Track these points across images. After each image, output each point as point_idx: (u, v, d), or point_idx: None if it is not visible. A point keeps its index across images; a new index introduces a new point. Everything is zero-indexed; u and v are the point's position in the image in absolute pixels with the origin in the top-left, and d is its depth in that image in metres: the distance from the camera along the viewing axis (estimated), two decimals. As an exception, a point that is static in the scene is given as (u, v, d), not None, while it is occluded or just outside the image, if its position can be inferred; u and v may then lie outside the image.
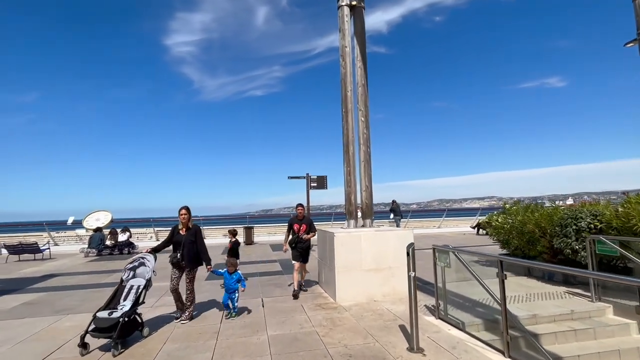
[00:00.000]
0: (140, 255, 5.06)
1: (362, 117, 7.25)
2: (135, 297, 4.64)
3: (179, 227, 5.40)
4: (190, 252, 5.25)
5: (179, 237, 5.32)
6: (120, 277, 4.88)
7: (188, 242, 5.26)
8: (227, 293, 5.50)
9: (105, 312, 4.39)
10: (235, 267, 5.67)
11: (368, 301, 6.03)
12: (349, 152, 7.14)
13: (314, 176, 13.33)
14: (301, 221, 6.90)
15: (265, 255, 12.55)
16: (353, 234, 6.28)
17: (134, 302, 4.59)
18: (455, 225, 20.64)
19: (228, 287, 5.51)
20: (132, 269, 4.92)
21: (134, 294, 4.66)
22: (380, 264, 6.25)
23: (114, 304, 4.58)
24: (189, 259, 5.24)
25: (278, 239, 18.20)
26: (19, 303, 6.77)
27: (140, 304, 4.74)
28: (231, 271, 5.63)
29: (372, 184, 7.21)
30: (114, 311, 4.39)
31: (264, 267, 9.88)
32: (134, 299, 4.60)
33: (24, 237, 16.01)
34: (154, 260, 5.04)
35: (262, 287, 7.45)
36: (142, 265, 4.95)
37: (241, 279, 5.57)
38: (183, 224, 5.36)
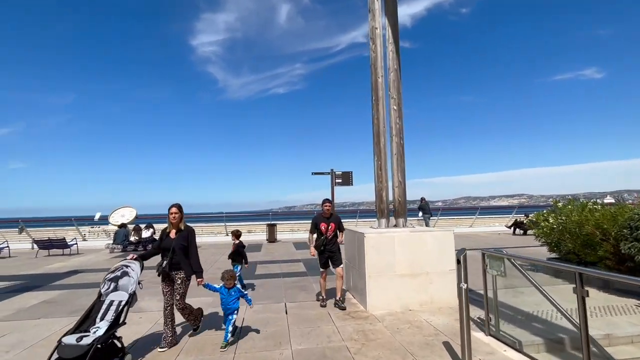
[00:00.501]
0: (124, 263, 4.14)
1: (395, 105, 6.57)
2: (115, 315, 3.73)
3: (167, 230, 4.45)
4: (182, 259, 4.28)
5: (167, 242, 4.34)
6: (99, 290, 4.00)
7: (178, 247, 4.27)
8: (225, 314, 4.42)
9: (73, 336, 3.42)
10: (234, 279, 4.52)
11: (403, 310, 5.38)
12: (380, 144, 6.49)
13: (338, 172, 12.72)
14: (329, 219, 5.84)
15: (289, 254, 12.09)
16: (385, 234, 5.64)
17: (112, 322, 3.67)
18: (488, 224, 19.44)
19: (226, 307, 4.39)
20: (113, 280, 4.00)
21: (113, 312, 3.75)
22: (416, 269, 5.58)
23: (87, 324, 3.64)
24: (180, 267, 4.28)
25: (301, 237, 17.75)
26: (39, 301, 6.60)
27: (121, 325, 3.80)
28: (229, 285, 4.46)
29: (405, 180, 6.52)
30: (84, 335, 3.43)
31: (288, 267, 9.39)
32: (112, 319, 3.69)
33: (54, 232, 16.39)
34: (139, 269, 4.13)
35: (285, 289, 6.95)
36: (126, 275, 4.04)
37: (244, 295, 4.51)
38: (173, 225, 4.39)
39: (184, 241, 4.32)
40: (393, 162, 6.50)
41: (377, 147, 6.53)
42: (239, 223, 20.83)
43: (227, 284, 4.48)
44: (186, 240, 4.34)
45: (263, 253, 12.50)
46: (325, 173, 12.71)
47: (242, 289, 6.47)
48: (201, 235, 18.34)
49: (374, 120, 6.62)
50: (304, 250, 12.90)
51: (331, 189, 12.69)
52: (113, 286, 3.99)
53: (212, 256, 11.94)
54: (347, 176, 12.70)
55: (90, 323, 3.66)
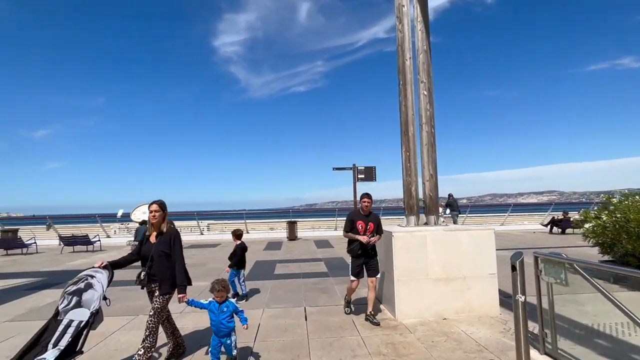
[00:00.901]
0: (88, 273, 3.25)
1: (425, 90, 5.92)
2: (71, 338, 2.90)
3: (147, 233, 3.65)
4: (162, 270, 3.46)
5: (147, 248, 3.55)
6: (56, 307, 3.15)
7: (158, 254, 3.46)
8: (217, 337, 3.45)
9: None
10: (227, 291, 3.51)
11: (436, 319, 4.77)
12: (409, 133, 5.86)
13: (361, 167, 12.12)
14: (367, 218, 4.90)
15: (309, 252, 11.63)
16: (416, 233, 5.03)
17: (64, 351, 2.81)
18: (521, 222, 18.27)
19: (217, 328, 3.42)
20: (75, 294, 3.10)
21: (70, 335, 2.91)
22: (451, 273, 4.95)
23: (33, 353, 2.81)
24: (160, 279, 3.46)
25: (322, 235, 17.28)
26: (53, 299, 6.43)
27: (77, 354, 2.94)
28: (221, 299, 3.44)
29: (437, 173, 5.87)
30: None
31: (308, 267, 8.92)
32: (67, 344, 2.86)
33: (80, 229, 16.70)
34: (107, 280, 3.28)
35: (305, 292, 6.46)
36: (90, 287, 3.15)
37: (237, 311, 3.50)
38: (154, 226, 3.57)
39: (165, 247, 3.49)
40: (423, 153, 5.87)
41: (404, 137, 5.91)
42: (259, 221, 20.62)
43: (217, 296, 3.44)
44: (168, 246, 3.50)
45: (283, 251, 12.10)
46: (347, 168, 12.15)
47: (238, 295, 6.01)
48: (224, 232, 18.23)
49: (401, 108, 6.00)
50: (325, 248, 12.42)
51: (353, 186, 12.11)
52: (75, 301, 3.09)
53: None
54: (370, 171, 12.07)
55: (38, 351, 2.80)
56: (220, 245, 14.25)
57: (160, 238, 3.54)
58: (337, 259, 9.98)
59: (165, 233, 3.57)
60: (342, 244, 13.57)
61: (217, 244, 14.83)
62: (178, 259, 3.55)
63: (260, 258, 10.61)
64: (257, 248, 13.12)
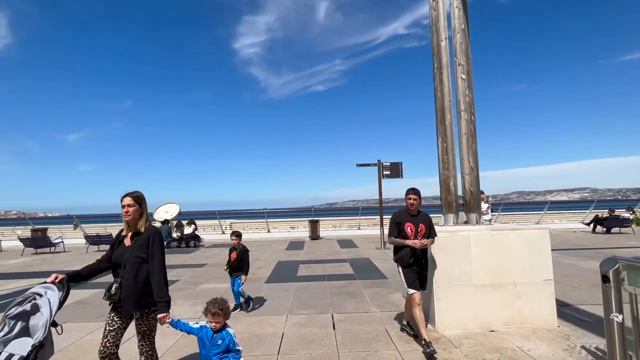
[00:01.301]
0: (37, 290, 2.34)
1: (463, 73, 5.31)
2: None
3: (122, 234, 2.81)
4: (138, 282, 2.59)
5: (119, 253, 2.69)
6: None
7: (133, 260, 2.60)
8: None
9: None
10: (225, 315, 2.68)
11: (483, 331, 4.18)
12: (445, 122, 5.28)
13: (386, 163, 11.51)
14: (416, 218, 4.00)
15: (333, 252, 11.15)
16: (458, 233, 4.45)
17: None
18: (558, 221, 17.09)
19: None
20: (18, 318, 2.20)
21: None
22: (499, 278, 4.34)
23: None
24: (134, 295, 2.58)
25: (345, 234, 16.78)
26: (72, 301, 6.25)
27: None
28: (216, 326, 2.66)
29: (478, 165, 5.26)
30: None
31: (333, 268, 8.44)
32: None
33: (105, 227, 16.92)
34: (57, 299, 2.35)
35: (331, 296, 5.99)
36: (37, 311, 2.25)
37: (233, 349, 2.66)
38: (129, 224, 2.75)
39: (141, 251, 2.62)
40: (462, 143, 5.25)
41: (441, 126, 5.33)
42: (281, 219, 20.33)
43: (212, 321, 2.65)
44: (145, 250, 2.63)
45: (306, 251, 11.68)
46: (371, 164, 11.57)
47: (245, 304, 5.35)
48: (246, 232, 18.05)
49: (436, 94, 5.42)
50: (349, 248, 11.91)
51: (379, 183, 11.53)
52: (20, 328, 2.18)
53: (253, 254, 11.29)
54: (396, 168, 11.45)
55: None
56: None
57: (136, 240, 2.68)
58: (363, 260, 9.45)
59: (143, 233, 2.69)
60: (367, 244, 13.07)
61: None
62: (157, 267, 2.61)
63: (282, 258, 10.23)
64: (279, 248, 12.78)
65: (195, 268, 9.08)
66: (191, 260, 10.53)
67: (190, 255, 11.46)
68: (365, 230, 17.37)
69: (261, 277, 7.60)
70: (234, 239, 5.49)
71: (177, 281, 7.55)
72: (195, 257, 11.17)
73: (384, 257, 9.76)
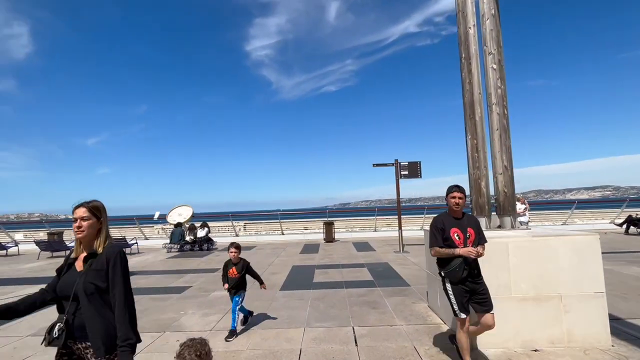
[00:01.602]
0: None
1: (494, 63, 4.84)
2: None
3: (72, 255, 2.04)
4: (92, 318, 1.84)
5: (67, 281, 1.94)
6: None
7: (87, 292, 1.86)
8: None
9: None
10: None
11: (525, 350, 3.72)
12: (475, 116, 4.82)
13: (404, 162, 11.04)
14: (462, 222, 3.29)
15: (350, 256, 10.73)
16: (495, 240, 3.98)
17: None
18: (585, 220, 16.21)
19: None
20: None
21: None
22: (542, 291, 3.87)
23: None
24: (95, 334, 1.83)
25: (360, 236, 16.32)
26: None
27: None
28: None
29: (512, 164, 4.78)
30: None
31: (350, 274, 8.03)
32: None
33: (120, 230, 16.94)
34: None
35: (350, 306, 5.58)
36: None
37: None
38: (82, 243, 2.00)
39: (98, 278, 1.89)
40: (494, 140, 4.79)
41: (470, 122, 4.87)
42: (294, 220, 20.00)
43: None
44: (104, 277, 1.90)
45: (321, 255, 11.30)
46: (388, 164, 11.11)
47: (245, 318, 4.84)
48: (259, 234, 17.81)
49: (464, 86, 4.97)
50: (366, 252, 11.47)
51: (396, 183, 11.06)
52: None
53: (266, 257, 11.06)
54: (415, 167, 10.96)
55: None
56: (256, 248, 13.74)
57: (91, 263, 1.94)
58: (382, 265, 9.00)
59: (100, 255, 1.95)
60: (384, 247, 12.58)
61: (252, 246, 14.34)
62: (120, 300, 1.88)
63: (297, 263, 9.87)
64: (293, 251, 12.44)
65: (207, 273, 8.81)
66: (204, 264, 10.28)
67: (203, 260, 11.23)
68: (381, 233, 16.88)
69: (276, 284, 7.26)
70: (233, 251, 4.66)
71: (189, 288, 7.28)
72: (209, 261, 10.93)
73: (404, 262, 9.30)
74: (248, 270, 4.78)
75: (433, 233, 3.31)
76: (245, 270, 4.74)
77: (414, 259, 9.71)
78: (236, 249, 4.70)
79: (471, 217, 3.46)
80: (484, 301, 3.22)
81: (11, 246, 15.02)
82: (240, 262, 4.74)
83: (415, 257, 9.88)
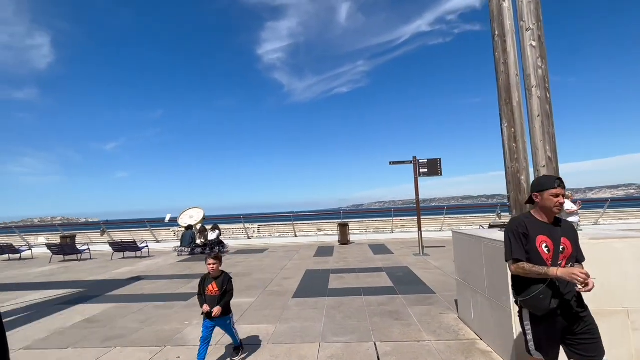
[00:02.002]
0: None
1: (533, 39, 4.21)
2: None
3: None
4: None
5: None
6: None
7: None
8: None
9: None
10: None
11: (586, 376, 3.08)
12: (512, 101, 4.22)
13: (423, 160, 10.40)
14: (554, 229, 2.28)
15: (366, 260, 10.14)
16: (543, 243, 3.37)
17: None
18: (617, 219, 15.16)
19: None
20: None
21: None
22: (604, 304, 3.23)
23: None
24: None
25: (376, 238, 15.69)
26: (83, 318, 5.67)
27: None
28: None
29: (557, 155, 4.14)
30: None
31: (368, 280, 7.45)
32: None
33: (132, 233, 16.79)
34: None
35: (370, 317, 5.02)
36: None
37: None
38: None
39: None
40: (534, 128, 4.16)
41: (506, 107, 4.27)
42: (307, 222, 19.49)
43: None
44: None
45: (335, 258, 10.75)
46: (406, 162, 10.49)
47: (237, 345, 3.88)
48: (272, 236, 17.39)
49: (498, 68, 4.37)
50: (383, 255, 10.86)
51: (415, 182, 10.42)
52: None
53: (279, 261, 10.59)
54: (435, 164, 10.30)
55: None
56: (268, 251, 13.30)
57: None
58: (401, 269, 8.39)
59: None
60: (402, 250, 11.93)
61: (264, 249, 13.91)
62: None
63: (311, 267, 9.35)
64: (306, 254, 11.93)
65: (217, 278, 8.38)
66: (214, 268, 9.86)
67: (213, 263, 10.83)
68: (397, 234, 16.21)
69: (288, 290, 6.75)
70: (211, 263, 3.71)
71: (196, 295, 6.84)
72: (219, 265, 10.52)
73: (425, 266, 8.66)
74: (227, 289, 3.73)
75: (513, 240, 2.28)
76: (225, 288, 3.71)
77: (436, 262, 9.05)
78: (215, 260, 3.76)
79: (567, 223, 2.40)
80: (590, 344, 2.15)
81: (25, 250, 15.01)
82: (221, 276, 3.77)
83: (436, 261, 9.22)
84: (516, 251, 2.26)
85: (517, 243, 2.27)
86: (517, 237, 2.28)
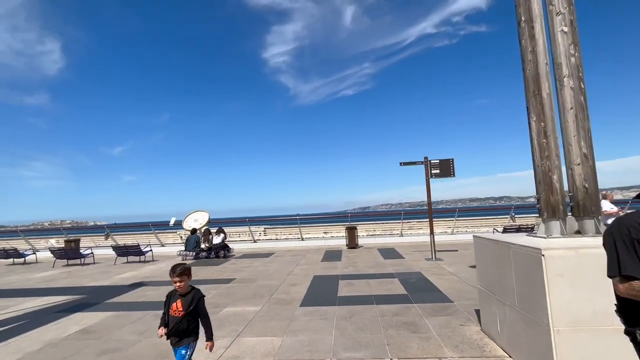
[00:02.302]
0: None
1: (564, 25, 3.83)
2: None
3: None
4: None
5: None
6: None
7: None
8: None
9: None
10: None
11: (640, 404, 2.67)
12: (542, 92, 3.83)
13: (435, 160, 9.99)
14: None
15: (377, 265, 9.73)
16: (585, 251, 2.98)
17: None
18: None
19: None
20: None
21: None
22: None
23: None
24: None
25: (385, 242, 15.25)
26: (79, 328, 5.37)
27: None
28: None
29: (593, 152, 3.74)
30: None
31: (380, 287, 7.06)
32: None
33: (136, 237, 16.58)
34: None
35: (385, 329, 4.64)
36: None
37: None
38: None
39: None
40: (567, 122, 3.77)
41: (534, 99, 3.88)
42: (314, 225, 19.12)
43: None
44: None
45: (344, 263, 10.36)
46: (417, 162, 10.09)
47: None
48: (278, 240, 17.09)
49: (525, 57, 3.98)
50: (394, 259, 10.44)
51: (427, 184, 10.02)
52: None
53: (286, 266, 10.23)
54: (447, 165, 9.89)
55: None
56: (274, 255, 12.96)
57: None
58: (414, 275, 7.98)
59: None
60: (413, 254, 11.49)
61: (270, 253, 13.57)
62: None
63: (319, 272, 8.97)
64: (314, 258, 11.56)
65: (221, 284, 8.05)
66: (218, 274, 9.55)
67: (217, 268, 10.51)
68: (407, 238, 15.76)
69: (295, 298, 6.39)
70: (177, 280, 2.94)
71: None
72: (224, 270, 10.20)
73: (439, 271, 8.24)
74: (197, 309, 3.01)
75: (623, 249, 1.63)
76: (194, 308, 2.98)
77: (450, 267, 8.62)
78: (182, 274, 2.96)
79: None
80: None
81: (29, 254, 14.86)
82: (190, 293, 3.03)
83: (450, 266, 8.79)
84: (628, 265, 1.59)
85: (629, 254, 1.59)
86: (631, 244, 1.59)
